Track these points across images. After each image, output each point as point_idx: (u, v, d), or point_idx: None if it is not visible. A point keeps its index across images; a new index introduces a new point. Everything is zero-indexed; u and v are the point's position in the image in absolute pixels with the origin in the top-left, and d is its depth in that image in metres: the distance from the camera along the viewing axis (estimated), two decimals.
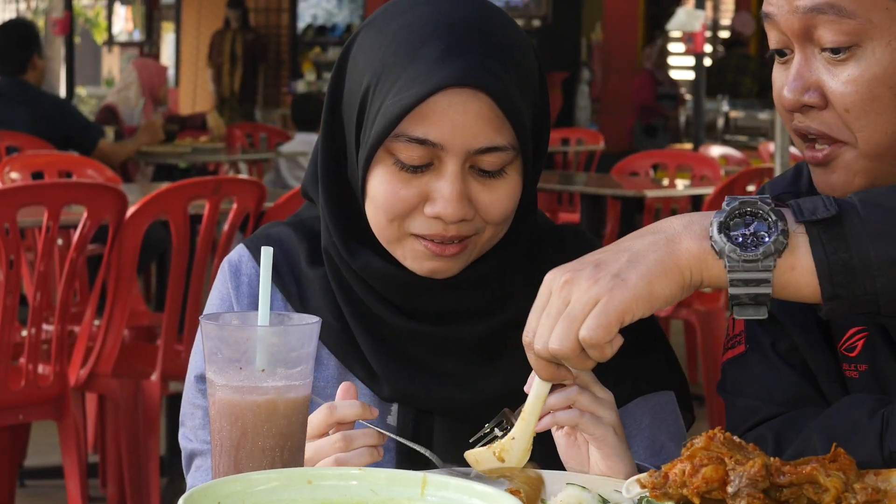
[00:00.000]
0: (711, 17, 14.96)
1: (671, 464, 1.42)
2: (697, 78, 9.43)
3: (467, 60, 1.76)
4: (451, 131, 1.77)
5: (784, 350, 1.88)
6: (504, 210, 1.83)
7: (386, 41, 1.81)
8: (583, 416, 1.69)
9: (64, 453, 4.23)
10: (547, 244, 1.96)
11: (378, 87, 1.80)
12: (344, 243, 1.88)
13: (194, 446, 1.94)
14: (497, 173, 1.81)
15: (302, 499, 1.40)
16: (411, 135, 1.77)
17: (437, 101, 1.76)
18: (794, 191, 1.93)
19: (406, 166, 1.79)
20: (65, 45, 11.06)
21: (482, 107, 1.77)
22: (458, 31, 1.79)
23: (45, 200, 4.09)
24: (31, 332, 4.10)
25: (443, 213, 1.79)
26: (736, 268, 1.54)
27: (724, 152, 8.60)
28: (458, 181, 1.79)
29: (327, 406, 1.69)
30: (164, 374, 4.41)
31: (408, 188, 1.80)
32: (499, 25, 1.83)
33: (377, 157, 1.81)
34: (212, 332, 1.52)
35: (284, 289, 1.93)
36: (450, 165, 1.78)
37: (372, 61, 1.82)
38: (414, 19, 1.81)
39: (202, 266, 4.49)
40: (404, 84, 1.77)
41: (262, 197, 4.60)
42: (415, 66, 1.77)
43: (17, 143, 6.83)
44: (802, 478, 1.39)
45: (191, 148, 8.58)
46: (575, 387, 1.69)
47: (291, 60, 17.57)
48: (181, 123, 9.98)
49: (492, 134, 1.78)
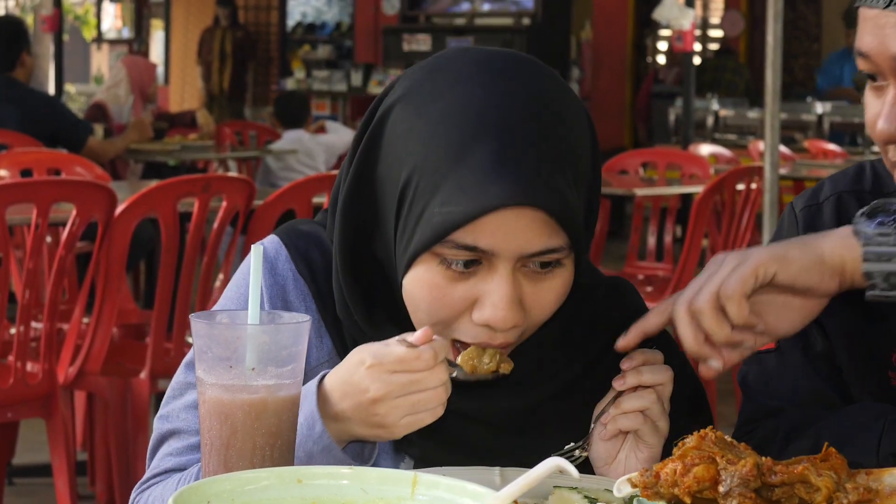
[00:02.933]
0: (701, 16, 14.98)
1: (662, 463, 1.42)
2: (687, 76, 9.43)
3: (522, 173, 1.63)
4: (503, 241, 1.65)
5: (813, 355, 1.88)
6: (554, 308, 1.73)
7: (427, 130, 1.67)
8: (645, 424, 1.70)
9: (52, 451, 4.22)
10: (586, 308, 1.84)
11: (420, 187, 1.66)
12: (367, 319, 1.76)
13: (173, 425, 1.82)
14: (549, 270, 1.70)
15: (292, 498, 1.40)
16: (460, 243, 1.65)
17: (489, 215, 1.63)
18: (857, 189, 1.92)
19: (453, 263, 1.67)
20: (54, 43, 11.05)
21: (536, 218, 1.64)
22: (510, 129, 1.64)
23: (33, 198, 4.08)
24: (19, 329, 4.09)
25: (492, 320, 1.67)
26: (870, 242, 1.60)
27: (713, 151, 8.61)
28: (509, 285, 1.67)
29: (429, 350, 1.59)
30: (152, 372, 4.40)
31: (454, 290, 1.68)
32: (553, 109, 1.68)
33: (420, 259, 1.69)
34: (202, 331, 1.52)
35: (321, 301, 1.81)
36: (501, 268, 1.67)
37: (411, 152, 1.67)
38: (457, 105, 1.66)
39: (191, 264, 4.48)
40: (452, 192, 1.64)
41: (252, 195, 4.60)
42: (463, 173, 1.63)
43: (6, 140, 6.81)
44: (794, 477, 1.38)
45: (180, 146, 8.57)
46: (652, 393, 1.69)
47: (281, 58, 17.56)
48: (170, 121, 9.96)
49: (545, 239, 1.66)
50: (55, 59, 11.04)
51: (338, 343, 1.81)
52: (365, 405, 1.62)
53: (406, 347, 1.60)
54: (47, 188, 4.15)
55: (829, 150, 9.39)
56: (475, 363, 1.69)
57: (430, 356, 1.59)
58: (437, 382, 1.60)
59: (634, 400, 1.70)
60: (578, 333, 1.83)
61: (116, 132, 8.82)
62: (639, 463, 1.71)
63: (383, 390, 1.60)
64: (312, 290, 1.81)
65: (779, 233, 1.97)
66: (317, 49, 17.82)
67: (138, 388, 4.40)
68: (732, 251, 1.67)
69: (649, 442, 1.71)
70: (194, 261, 4.49)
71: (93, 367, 4.37)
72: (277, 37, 17.69)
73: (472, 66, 1.70)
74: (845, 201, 1.91)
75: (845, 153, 9.49)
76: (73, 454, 4.38)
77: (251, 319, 1.54)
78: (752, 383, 1.93)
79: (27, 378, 4.13)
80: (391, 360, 1.60)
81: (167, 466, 1.81)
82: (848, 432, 1.76)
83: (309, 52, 17.78)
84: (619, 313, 1.85)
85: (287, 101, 9.67)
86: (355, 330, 1.78)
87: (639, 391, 1.71)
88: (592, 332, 1.85)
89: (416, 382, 1.59)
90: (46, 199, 4.07)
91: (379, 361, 1.60)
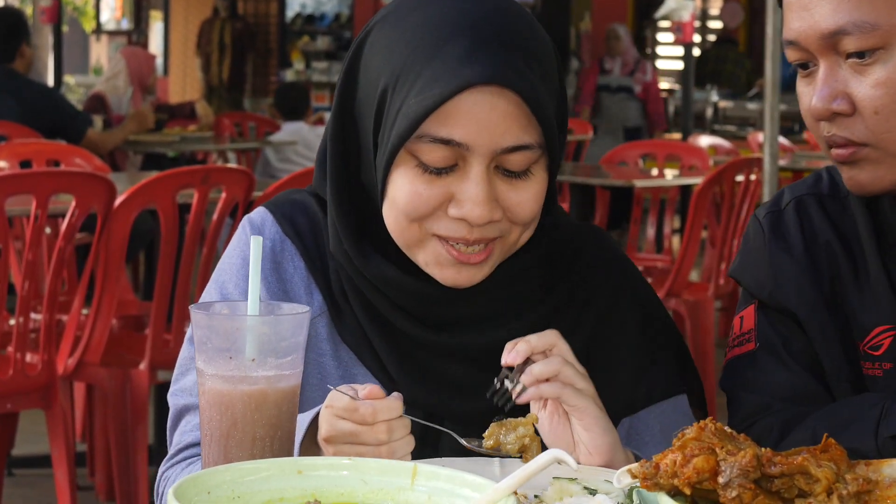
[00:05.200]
0: (700, 7, 14.97)
1: (662, 454, 1.42)
2: (686, 68, 9.42)
3: (492, 58, 1.71)
4: (476, 131, 1.71)
5: (795, 350, 1.91)
6: (532, 210, 1.78)
7: (403, 39, 1.75)
8: (565, 389, 1.69)
9: (52, 442, 4.22)
10: (564, 250, 1.92)
11: (397, 87, 1.73)
12: (356, 249, 1.83)
13: (188, 401, 1.88)
14: (523, 173, 1.76)
15: (292, 488, 1.40)
16: (435, 135, 1.71)
17: (462, 100, 1.70)
18: (815, 192, 1.96)
19: (429, 168, 1.73)
20: (53, 34, 11.04)
21: (509, 105, 1.71)
22: (481, 29, 1.73)
23: (33, 189, 4.08)
24: (19, 321, 4.09)
25: (469, 215, 1.73)
26: None
27: (712, 142, 8.61)
28: (484, 182, 1.73)
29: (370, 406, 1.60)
30: (152, 363, 4.40)
31: (431, 189, 1.74)
32: (519, 22, 1.78)
33: (398, 160, 1.75)
34: (201, 322, 1.52)
35: (309, 258, 1.88)
36: (475, 166, 1.73)
37: (389, 60, 1.75)
38: (432, 16, 1.75)
39: (191, 255, 4.48)
40: (427, 83, 1.71)
41: (251, 186, 4.59)
42: (437, 64, 1.71)
43: (5, 131, 6.80)
44: (794, 468, 1.38)
45: (179, 137, 8.56)
46: (559, 357, 1.69)
47: (280, 49, 17.55)
48: (170, 112, 9.95)
49: (519, 132, 1.73)
50: (54, 51, 11.03)
51: (327, 297, 1.87)
52: (321, 442, 1.64)
53: (349, 398, 1.61)
54: (46, 179, 4.15)
55: None
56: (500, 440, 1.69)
57: (365, 413, 1.60)
58: (374, 440, 1.60)
59: (542, 366, 1.68)
60: (550, 271, 1.88)
61: (115, 123, 8.81)
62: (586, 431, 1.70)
63: (330, 433, 1.62)
64: (300, 249, 1.89)
65: (745, 241, 2.01)
66: (316, 40, 17.81)
67: (138, 380, 4.40)
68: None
69: (575, 404, 1.69)
70: (194, 252, 4.49)
71: (92, 359, 4.37)
72: (277, 28, 17.67)
73: None
74: (806, 203, 1.96)
75: None
76: (72, 445, 4.37)
77: (251, 310, 1.54)
78: (737, 386, 1.95)
79: (27, 369, 4.13)
80: (339, 406, 1.62)
81: (190, 441, 1.87)
82: (845, 420, 1.78)
83: (308, 43, 17.77)
84: (591, 253, 1.93)
85: (287, 93, 9.67)
86: (349, 266, 1.84)
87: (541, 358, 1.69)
88: (565, 272, 1.90)
89: (354, 434, 1.61)
90: (46, 191, 4.06)
91: (331, 404, 1.63)
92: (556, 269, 1.90)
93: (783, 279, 1.93)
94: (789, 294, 1.92)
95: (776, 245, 1.95)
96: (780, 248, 1.94)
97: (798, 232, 1.94)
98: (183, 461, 1.87)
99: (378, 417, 1.60)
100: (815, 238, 1.93)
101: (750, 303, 1.98)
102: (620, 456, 1.71)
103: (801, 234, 1.94)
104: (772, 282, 1.94)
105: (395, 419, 1.61)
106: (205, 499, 1.34)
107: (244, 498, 1.37)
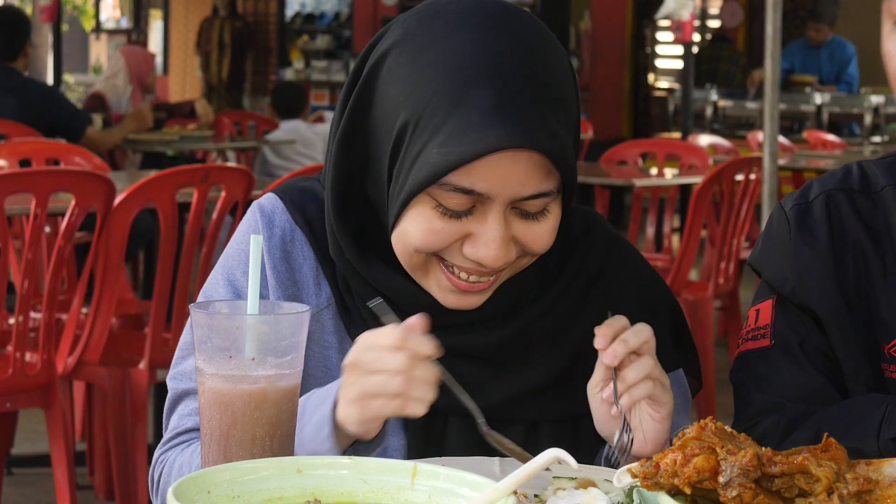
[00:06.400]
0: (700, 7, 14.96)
1: (662, 453, 1.42)
2: (686, 67, 9.42)
3: (520, 118, 1.68)
4: (499, 183, 1.70)
5: (810, 350, 1.89)
6: (547, 244, 1.78)
7: (424, 75, 1.72)
8: (655, 387, 1.71)
9: (51, 441, 4.22)
10: (563, 236, 1.91)
11: (418, 130, 1.71)
12: (360, 259, 1.82)
13: (188, 385, 1.87)
14: (540, 213, 1.76)
15: (292, 488, 1.40)
16: (457, 185, 1.70)
17: (487, 157, 1.68)
18: (846, 188, 1.93)
19: (448, 211, 1.73)
20: (52, 33, 11.02)
21: (531, 160, 1.71)
22: (505, 74, 1.70)
23: (32, 188, 4.07)
24: (18, 319, 4.08)
25: (485, 258, 1.74)
26: None
27: (712, 141, 8.60)
28: (501, 226, 1.73)
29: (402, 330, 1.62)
30: (151, 362, 4.40)
31: (447, 227, 1.74)
32: (542, 56, 1.74)
33: (414, 200, 1.74)
34: (201, 321, 1.52)
35: (319, 248, 1.88)
36: (494, 211, 1.73)
37: (408, 96, 1.72)
38: (453, 51, 1.72)
39: (190, 254, 4.48)
40: (451, 135, 1.69)
41: (251, 185, 4.59)
42: (462, 116, 1.69)
43: (4, 130, 6.80)
44: (794, 468, 1.38)
45: (178, 136, 8.56)
46: (649, 358, 1.71)
47: (279, 48, 17.55)
48: (169, 111, 9.93)
49: (539, 183, 1.72)
50: (54, 49, 11.01)
51: (335, 288, 1.87)
52: (343, 374, 1.66)
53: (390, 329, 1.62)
54: (46, 178, 4.15)
55: (828, 141, 9.38)
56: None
57: (397, 335, 1.62)
58: (393, 366, 1.61)
59: (636, 370, 1.71)
60: (550, 263, 1.89)
61: (115, 122, 8.80)
62: (655, 422, 1.72)
63: (354, 358, 1.65)
64: (309, 239, 1.88)
65: (768, 231, 1.99)
66: (315, 39, 17.81)
67: (137, 379, 4.40)
68: None
69: (663, 400, 1.72)
70: (193, 251, 4.49)
71: (91, 358, 4.37)
72: (276, 27, 17.67)
73: (464, 14, 1.75)
74: (836, 198, 1.92)
75: (844, 144, 9.49)
76: (71, 444, 4.37)
77: (251, 309, 1.54)
78: (748, 381, 1.94)
79: (26, 368, 4.13)
80: (373, 335, 1.64)
81: (188, 426, 1.86)
82: (848, 420, 1.77)
83: (307, 42, 17.77)
84: (588, 235, 1.94)
85: (285, 92, 9.68)
86: (348, 270, 1.84)
87: (633, 359, 1.71)
88: (563, 261, 1.91)
89: (377, 360, 1.62)
90: (45, 189, 4.06)
91: (365, 336, 1.65)
92: (554, 259, 1.90)
93: (807, 276, 1.89)
94: (812, 292, 1.89)
95: (802, 239, 1.91)
96: (805, 243, 1.91)
97: (826, 227, 1.90)
98: (181, 444, 1.86)
99: (406, 344, 1.61)
100: (845, 235, 1.89)
101: (768, 296, 1.95)
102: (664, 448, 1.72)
103: (828, 230, 1.90)
104: (794, 277, 1.91)
105: (421, 357, 1.62)
106: (204, 498, 1.34)
107: (244, 497, 1.37)
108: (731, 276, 6.26)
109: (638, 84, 16.46)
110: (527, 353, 1.86)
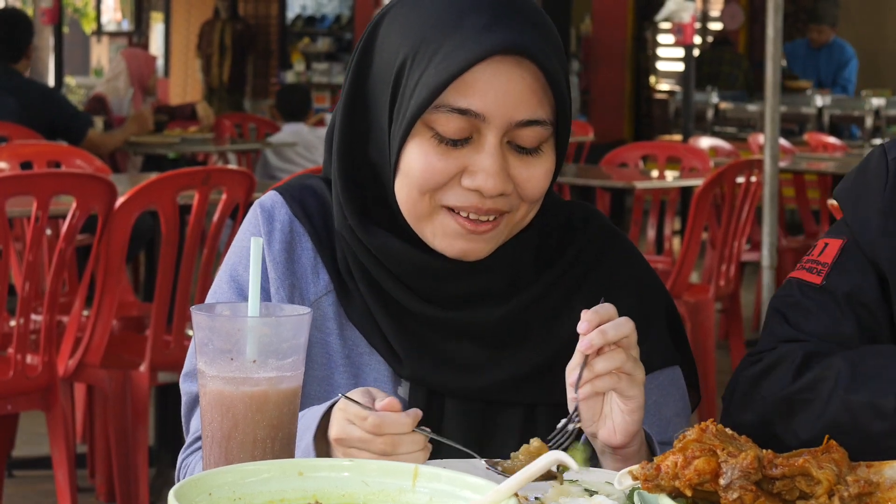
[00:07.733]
0: (701, 9, 14.97)
1: (663, 456, 1.42)
2: (687, 69, 9.42)
3: (513, 30, 1.76)
4: (494, 101, 1.76)
5: (858, 302, 1.85)
6: (541, 187, 1.83)
7: (423, 14, 1.79)
8: (621, 381, 1.70)
9: (52, 443, 4.22)
10: (559, 225, 1.96)
11: (416, 59, 1.78)
12: (360, 223, 1.86)
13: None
14: (534, 150, 1.81)
15: (293, 490, 1.40)
16: (453, 105, 1.76)
17: (483, 69, 1.75)
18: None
19: (445, 139, 1.78)
20: (53, 35, 11.02)
21: (527, 76, 1.77)
22: (500, 4, 1.79)
23: (33, 190, 4.08)
24: (19, 322, 4.09)
25: (483, 186, 1.78)
26: None
27: (713, 144, 8.60)
28: (498, 154, 1.78)
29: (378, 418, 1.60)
30: (152, 364, 4.40)
31: (445, 161, 1.78)
32: (532, 4, 1.84)
33: (413, 131, 1.79)
34: (203, 323, 1.52)
35: (317, 238, 1.92)
36: (490, 139, 1.78)
37: (408, 34, 1.79)
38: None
39: (191, 257, 4.48)
40: (448, 53, 1.75)
41: (252, 187, 4.59)
42: (459, 35, 1.76)
43: (6, 132, 6.80)
44: (795, 470, 1.38)
45: (180, 138, 8.56)
46: (622, 351, 1.70)
47: (280, 51, 17.54)
48: (170, 113, 9.94)
49: (534, 106, 1.78)
50: (55, 52, 11.02)
51: (334, 277, 1.90)
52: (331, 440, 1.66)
53: (361, 407, 1.62)
54: (47, 180, 4.15)
55: (828, 144, 9.38)
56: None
57: (373, 422, 1.60)
58: (379, 451, 1.61)
59: (606, 361, 1.69)
60: (546, 249, 1.92)
61: (116, 125, 8.81)
62: (624, 414, 1.71)
63: (340, 435, 1.64)
64: (308, 229, 1.92)
65: (864, 172, 1.91)
66: (316, 42, 17.81)
67: (138, 381, 4.40)
68: None
69: (630, 394, 1.71)
70: (194, 253, 4.49)
71: (92, 360, 4.38)
72: (277, 29, 17.66)
73: None
74: None
75: (845, 146, 9.48)
76: (72, 446, 4.38)
77: (252, 311, 1.54)
78: (785, 310, 1.89)
79: (27, 370, 4.13)
80: (350, 410, 1.63)
81: None
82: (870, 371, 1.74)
83: (309, 44, 17.77)
84: (586, 227, 1.97)
85: (289, 94, 9.68)
86: (351, 238, 1.87)
87: (606, 351, 1.70)
88: (562, 246, 1.94)
89: (363, 441, 1.62)
90: (46, 192, 4.07)
91: (344, 408, 1.64)
92: (552, 244, 1.93)
93: (890, 235, 1.84)
94: (890, 252, 1.84)
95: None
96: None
97: None
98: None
99: (383, 430, 1.60)
100: None
101: (842, 235, 1.90)
102: (637, 440, 1.72)
103: None
104: (877, 231, 1.85)
105: (403, 434, 1.61)
106: (206, 500, 1.34)
107: (245, 499, 1.37)
108: (732, 279, 6.26)
109: (639, 86, 16.45)
110: (524, 336, 1.88)
